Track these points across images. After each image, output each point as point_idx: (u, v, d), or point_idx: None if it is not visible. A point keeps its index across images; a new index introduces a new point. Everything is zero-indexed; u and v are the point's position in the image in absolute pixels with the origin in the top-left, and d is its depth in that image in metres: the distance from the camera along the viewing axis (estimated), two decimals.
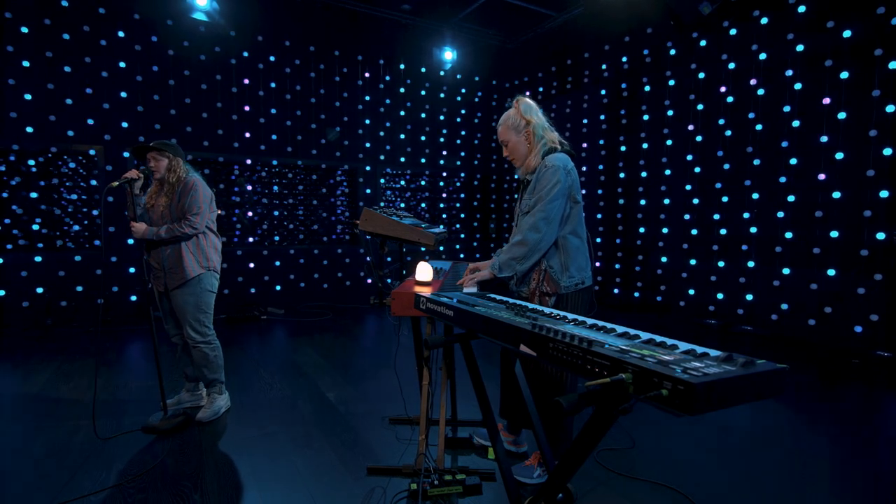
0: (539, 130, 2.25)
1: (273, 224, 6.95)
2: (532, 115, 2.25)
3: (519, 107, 2.27)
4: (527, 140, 2.27)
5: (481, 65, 8.15)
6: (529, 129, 2.26)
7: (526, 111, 2.25)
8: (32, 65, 5.25)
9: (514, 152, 2.31)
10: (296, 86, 6.77)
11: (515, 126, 2.27)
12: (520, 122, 2.26)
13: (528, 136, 2.27)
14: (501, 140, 2.33)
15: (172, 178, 2.91)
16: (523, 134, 2.27)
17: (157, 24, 5.86)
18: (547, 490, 1.32)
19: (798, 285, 4.75)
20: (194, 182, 2.90)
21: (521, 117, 2.26)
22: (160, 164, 2.90)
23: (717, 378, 0.86)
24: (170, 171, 2.91)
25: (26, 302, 5.35)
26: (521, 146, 2.29)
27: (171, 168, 2.91)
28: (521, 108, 2.26)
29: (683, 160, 5.84)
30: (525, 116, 2.25)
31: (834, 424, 3.12)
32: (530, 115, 2.26)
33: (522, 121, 2.26)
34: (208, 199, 2.95)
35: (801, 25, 4.69)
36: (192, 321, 2.91)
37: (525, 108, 2.26)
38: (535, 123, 2.25)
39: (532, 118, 2.25)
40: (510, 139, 2.29)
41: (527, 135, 2.27)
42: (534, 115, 2.26)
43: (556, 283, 2.19)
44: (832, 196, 4.46)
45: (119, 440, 2.69)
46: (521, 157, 2.31)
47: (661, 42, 6.07)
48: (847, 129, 4.40)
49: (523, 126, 2.26)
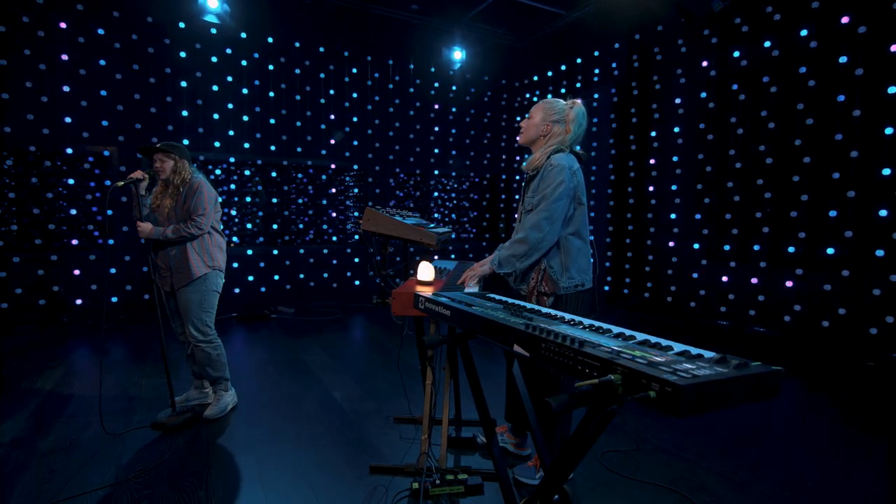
0: (567, 135, 2.24)
1: (283, 224, 7.00)
2: (572, 125, 2.22)
3: (571, 111, 2.23)
4: (544, 131, 2.27)
5: (491, 64, 8.13)
6: (554, 126, 2.25)
7: (573, 119, 2.22)
8: (48, 68, 5.36)
9: (528, 129, 2.31)
10: (306, 87, 6.82)
11: (549, 112, 2.26)
12: (556, 116, 2.25)
13: (547, 130, 2.27)
14: (531, 112, 2.32)
15: (177, 179, 2.93)
16: (545, 124, 2.26)
17: (169, 27, 5.94)
18: (542, 491, 1.31)
19: (811, 286, 4.66)
20: (199, 183, 2.93)
21: (566, 121, 2.23)
22: (165, 166, 2.92)
23: (707, 380, 0.85)
24: (175, 173, 2.93)
25: (43, 300, 5.47)
26: (535, 129, 2.29)
27: (176, 170, 2.94)
28: (571, 114, 2.22)
29: (694, 158, 5.76)
30: (569, 124, 2.22)
31: (848, 428, 3.06)
32: (572, 124, 2.22)
33: (559, 117, 2.25)
34: (213, 200, 2.98)
35: (815, 21, 4.60)
36: (194, 320, 2.94)
37: (576, 113, 2.23)
38: (570, 133, 2.23)
39: (571, 128, 2.22)
40: (535, 117, 2.29)
41: (547, 129, 2.27)
42: (574, 124, 2.22)
43: (554, 284, 2.17)
44: (846, 195, 4.37)
45: (127, 436, 2.73)
46: (528, 137, 2.32)
47: (671, 39, 6.00)
48: (862, 126, 4.31)
49: (554, 119, 2.25)
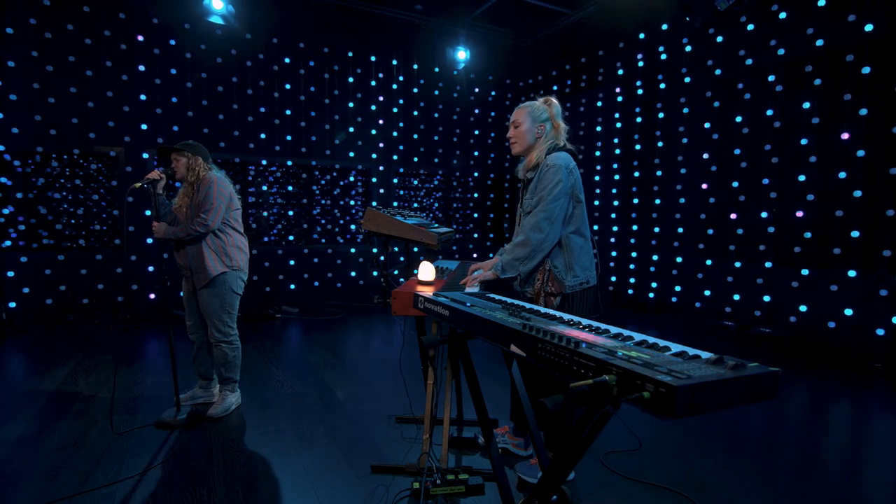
0: (559, 133, 2.29)
1: (288, 224, 7.03)
2: (559, 120, 2.29)
3: (552, 108, 2.29)
4: (537, 134, 2.28)
5: (495, 64, 8.12)
6: (545, 126, 2.28)
7: (557, 115, 2.29)
8: (56, 69, 5.41)
9: (519, 137, 2.31)
10: (310, 87, 6.84)
11: (535, 115, 2.28)
12: (542, 115, 2.28)
13: (540, 131, 2.28)
14: (514, 120, 2.32)
15: (192, 177, 2.92)
16: (537, 127, 2.27)
17: (175, 28, 5.98)
18: (540, 490, 1.31)
19: (817, 287, 4.62)
20: (210, 179, 2.89)
21: (552, 118, 2.28)
22: (179, 164, 2.93)
23: (702, 381, 0.84)
24: (189, 171, 2.93)
25: (50, 299, 5.52)
26: (528, 135, 2.29)
27: (189, 167, 2.92)
28: (553, 110, 2.29)
29: (699, 158, 5.73)
30: (555, 120, 2.29)
31: (854, 430, 3.03)
32: (559, 119, 2.30)
33: (545, 115, 2.28)
34: (226, 196, 2.92)
35: (822, 20, 4.56)
36: (216, 321, 2.95)
37: (557, 111, 2.30)
38: (560, 128, 2.29)
39: (560, 123, 2.29)
40: (523, 124, 2.29)
41: (540, 129, 2.28)
42: (560, 119, 2.30)
43: (560, 283, 2.17)
44: (853, 195, 4.33)
45: (132, 435, 2.76)
46: (522, 145, 2.31)
47: (676, 39, 5.97)
48: (869, 125, 4.27)
49: (542, 119, 2.27)
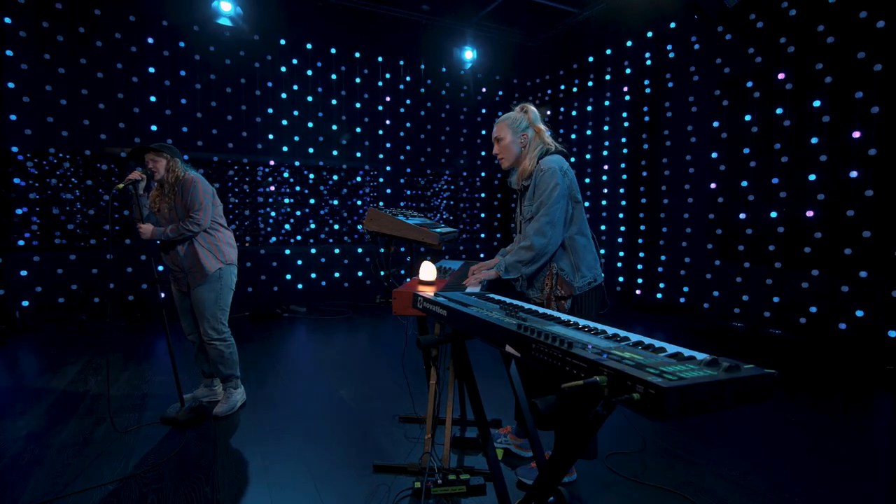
0: (542, 137, 2.29)
1: (295, 224, 7.08)
2: (539, 124, 2.30)
3: (528, 114, 2.30)
4: (521, 143, 2.29)
5: (502, 64, 8.09)
6: (527, 134, 2.29)
7: (535, 119, 2.30)
8: (67, 71, 5.49)
9: (505, 151, 2.32)
10: (317, 88, 6.88)
11: (515, 127, 2.29)
12: (521, 124, 2.29)
13: (524, 140, 2.29)
14: (496, 136, 2.33)
15: (171, 178, 2.95)
16: (520, 137, 2.28)
17: (184, 30, 6.05)
18: (536, 492, 1.31)
19: (828, 287, 4.55)
20: (193, 179, 2.93)
21: (531, 124, 2.29)
22: (159, 165, 2.94)
23: (693, 382, 0.83)
24: (168, 172, 2.95)
25: (61, 298, 5.61)
26: (514, 147, 2.29)
27: (169, 168, 2.95)
28: (530, 116, 2.30)
29: (708, 157, 5.68)
30: (535, 125, 2.29)
31: (866, 434, 2.99)
32: (538, 123, 2.30)
33: (525, 124, 2.29)
34: (210, 193, 2.98)
35: (832, 16, 4.49)
36: (209, 318, 2.98)
37: (534, 116, 2.31)
38: (542, 132, 2.29)
39: (540, 126, 2.29)
40: (506, 137, 2.30)
41: (523, 139, 2.28)
42: (540, 123, 2.31)
43: (569, 286, 2.17)
44: (865, 194, 4.26)
45: (138, 432, 2.79)
46: (510, 158, 2.32)
47: (684, 37, 5.92)
48: (880, 123, 4.20)
49: (523, 128, 2.28)
